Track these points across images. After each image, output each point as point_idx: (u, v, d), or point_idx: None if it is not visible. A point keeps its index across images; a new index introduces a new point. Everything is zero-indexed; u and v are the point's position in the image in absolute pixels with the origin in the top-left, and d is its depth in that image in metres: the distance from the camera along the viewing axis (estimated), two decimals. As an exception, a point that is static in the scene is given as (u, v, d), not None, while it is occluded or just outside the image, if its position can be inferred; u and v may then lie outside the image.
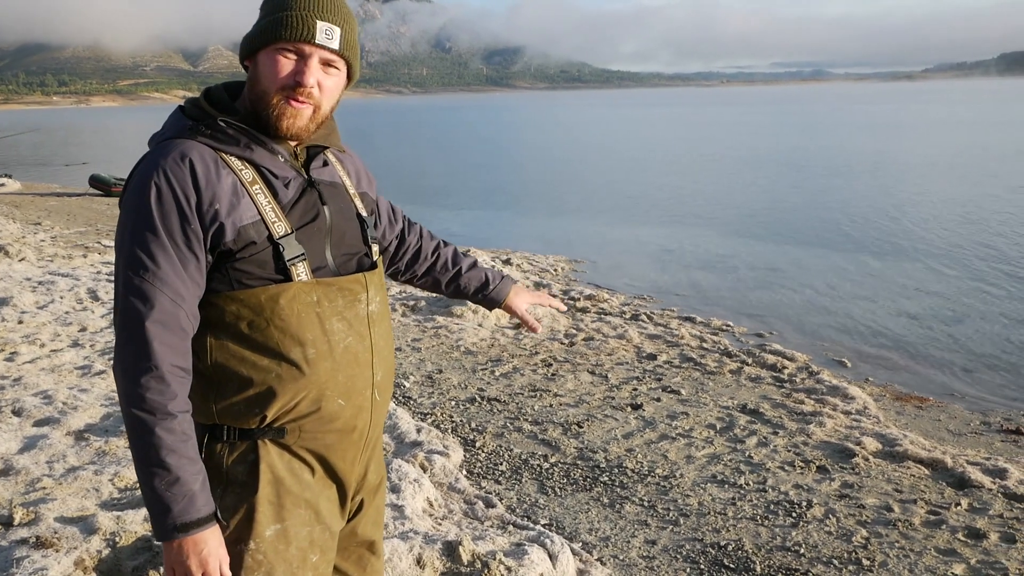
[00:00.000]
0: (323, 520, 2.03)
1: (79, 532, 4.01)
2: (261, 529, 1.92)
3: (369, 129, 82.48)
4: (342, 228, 2.05)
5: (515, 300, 2.65)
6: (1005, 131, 50.64)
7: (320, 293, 1.95)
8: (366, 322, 2.03)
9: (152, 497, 1.81)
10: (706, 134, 59.00)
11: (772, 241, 16.44)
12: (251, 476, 1.93)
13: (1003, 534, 4.65)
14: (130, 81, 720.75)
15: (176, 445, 1.80)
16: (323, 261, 1.98)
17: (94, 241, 15.26)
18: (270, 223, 1.90)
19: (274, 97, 1.92)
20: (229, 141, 1.92)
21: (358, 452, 2.08)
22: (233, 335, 1.90)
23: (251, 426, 1.93)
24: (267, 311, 1.89)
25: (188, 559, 1.82)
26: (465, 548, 3.96)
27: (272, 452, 1.94)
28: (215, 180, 1.87)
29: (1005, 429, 6.72)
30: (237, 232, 1.86)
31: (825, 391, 7.31)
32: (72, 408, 5.97)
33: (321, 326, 1.94)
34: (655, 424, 6.38)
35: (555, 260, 14.48)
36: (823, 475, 5.47)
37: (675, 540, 4.62)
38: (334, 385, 1.96)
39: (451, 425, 6.35)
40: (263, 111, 1.93)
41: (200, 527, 1.82)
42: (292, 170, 1.98)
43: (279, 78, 1.91)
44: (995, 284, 12.33)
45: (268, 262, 1.90)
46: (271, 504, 1.94)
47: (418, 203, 23.95)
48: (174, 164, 1.85)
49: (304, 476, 1.99)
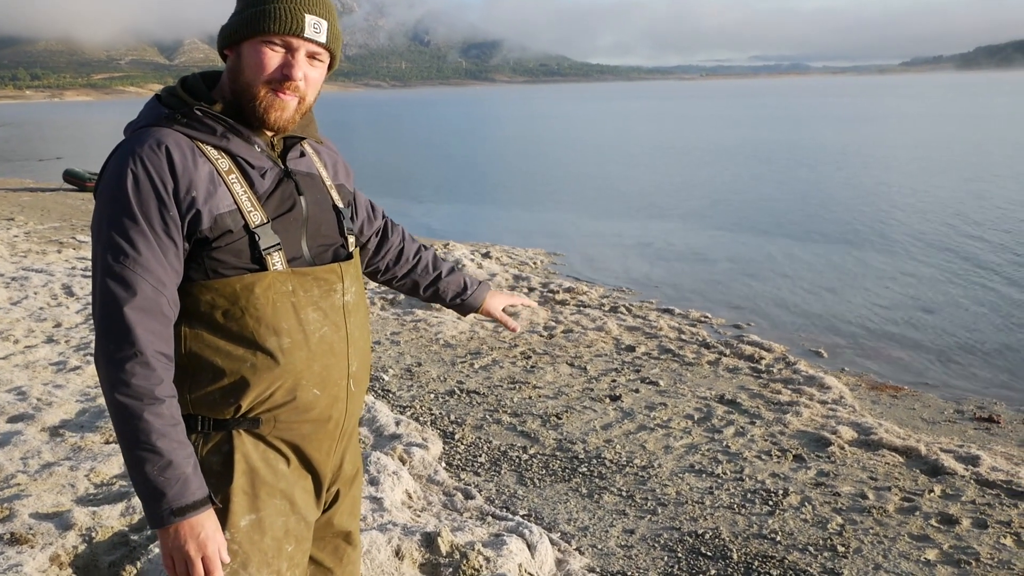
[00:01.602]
0: (298, 510, 2.03)
1: (55, 528, 3.99)
2: (236, 519, 1.92)
3: (348, 123, 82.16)
4: (318, 219, 2.05)
5: (492, 303, 2.67)
6: (979, 124, 51.04)
7: (295, 283, 1.95)
8: (342, 312, 2.03)
9: (144, 484, 1.79)
10: (684, 127, 59.15)
11: (750, 233, 16.51)
12: (226, 466, 1.93)
13: (975, 520, 4.71)
14: (104, 75, 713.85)
15: (166, 429, 1.79)
16: (299, 251, 1.98)
17: (69, 236, 15.14)
18: (246, 212, 1.90)
19: (260, 89, 1.92)
20: (205, 130, 1.92)
21: (333, 442, 2.09)
22: (208, 324, 1.90)
23: (226, 416, 1.92)
24: (242, 300, 1.89)
25: (186, 543, 1.81)
26: (444, 539, 3.97)
27: (247, 442, 1.94)
28: (192, 168, 1.86)
29: (978, 417, 6.79)
30: (214, 220, 1.86)
31: (802, 381, 7.36)
32: (47, 404, 5.94)
33: (296, 316, 1.94)
34: (634, 415, 6.41)
35: (534, 253, 14.49)
36: (799, 464, 5.51)
37: (653, 529, 4.65)
38: (309, 375, 1.97)
39: (430, 418, 6.35)
40: (248, 103, 1.93)
41: (196, 510, 1.82)
42: (268, 160, 1.99)
43: (266, 71, 1.92)
44: (968, 275, 12.44)
45: (244, 251, 1.89)
46: (246, 494, 1.94)
47: (398, 197, 23.89)
48: (150, 151, 1.84)
49: (279, 466, 1.99)
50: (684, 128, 57.95)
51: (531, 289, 11.07)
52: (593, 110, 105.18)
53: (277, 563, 1.98)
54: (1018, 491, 5.04)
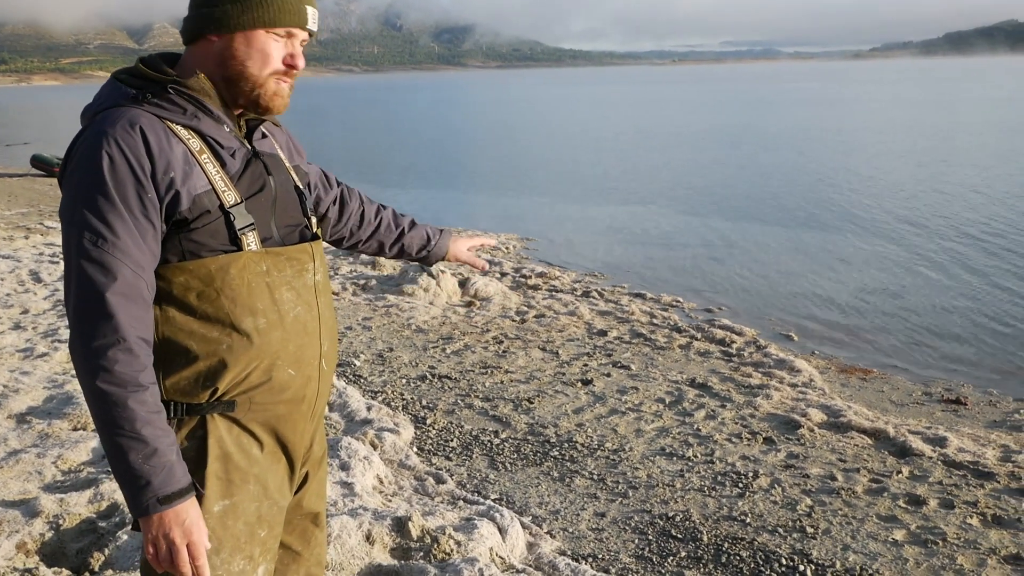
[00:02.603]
0: (271, 495, 2.02)
1: (21, 515, 3.95)
2: (209, 505, 1.91)
3: (320, 108, 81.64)
4: (284, 200, 2.05)
5: (457, 248, 2.70)
6: (944, 109, 51.46)
7: (269, 263, 1.94)
8: (313, 292, 2.04)
9: (128, 472, 1.77)
10: (655, 113, 59.23)
11: (722, 218, 16.58)
12: (199, 452, 1.91)
13: (942, 500, 4.76)
14: (73, 59, 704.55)
15: (150, 417, 1.77)
16: (270, 232, 1.98)
17: (36, 222, 14.97)
18: (220, 192, 1.88)
19: (269, 79, 1.95)
20: (175, 110, 1.89)
21: (306, 423, 2.09)
22: (182, 307, 1.88)
23: (200, 401, 1.90)
24: (217, 281, 1.87)
25: (171, 531, 1.80)
26: (415, 523, 3.97)
27: (221, 427, 1.93)
28: (167, 148, 1.84)
29: (946, 399, 6.87)
30: (192, 201, 1.84)
31: (772, 365, 7.41)
32: (13, 391, 5.87)
33: (271, 296, 1.94)
34: (605, 399, 6.42)
35: (506, 238, 14.48)
36: (769, 446, 5.55)
37: (624, 512, 4.67)
38: (285, 355, 1.96)
39: (402, 403, 6.34)
40: (251, 91, 1.95)
41: (181, 498, 1.80)
42: (237, 140, 1.97)
43: (275, 62, 1.95)
44: (936, 258, 12.56)
45: (220, 231, 1.88)
46: (219, 480, 1.93)
47: (371, 183, 23.77)
48: (124, 132, 1.80)
49: (253, 451, 1.98)
50: (655, 113, 58.03)
51: (503, 274, 11.07)
52: (565, 95, 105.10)
53: (250, 548, 1.98)
54: (984, 471, 5.11)
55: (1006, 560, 4.15)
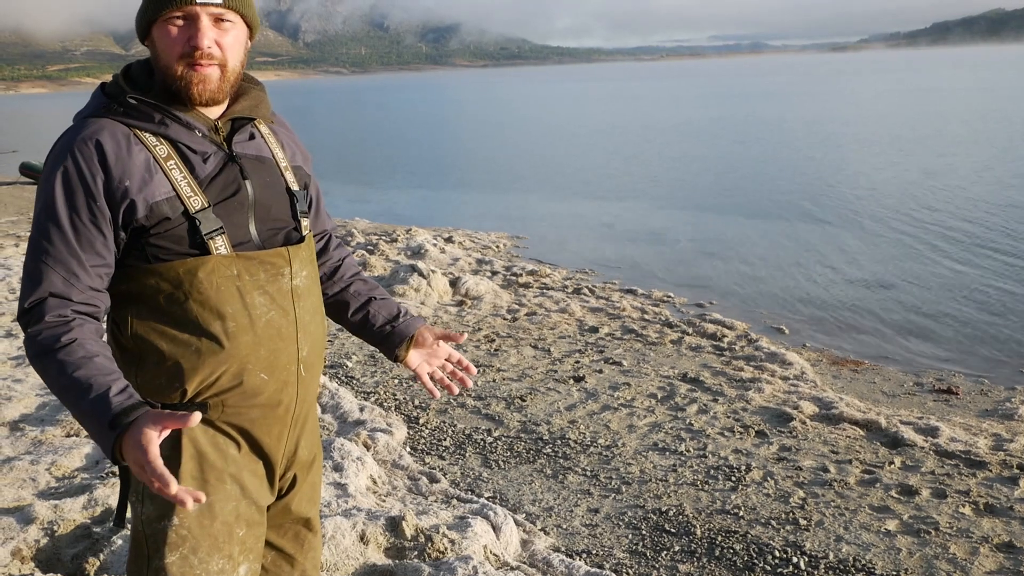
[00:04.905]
0: (249, 495, 2.02)
1: (15, 522, 3.95)
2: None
3: (308, 110, 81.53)
4: (267, 202, 2.04)
5: (424, 335, 2.39)
6: (932, 100, 51.59)
7: (240, 267, 1.94)
8: (290, 296, 2.02)
9: (86, 422, 1.75)
10: (643, 108, 59.24)
11: (711, 213, 16.61)
12: (174, 451, 1.92)
13: (934, 490, 4.79)
14: (60, 66, 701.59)
15: (79, 362, 1.76)
16: (246, 235, 1.98)
17: (26, 231, 14.92)
18: (185, 198, 1.89)
19: (177, 67, 1.91)
20: (143, 118, 1.92)
21: (285, 427, 2.08)
22: (152, 309, 1.91)
23: (173, 401, 1.92)
24: (186, 284, 1.89)
25: (131, 457, 1.65)
26: (408, 523, 3.97)
27: (195, 428, 1.93)
28: (126, 157, 1.87)
29: (937, 389, 6.90)
30: (149, 208, 1.87)
31: (764, 358, 7.43)
32: (6, 399, 5.86)
33: (242, 300, 1.94)
34: (597, 395, 6.44)
35: (497, 237, 14.49)
36: (762, 439, 5.57)
37: (617, 507, 4.69)
38: (256, 359, 1.96)
39: (394, 403, 6.34)
40: (171, 83, 1.92)
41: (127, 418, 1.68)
42: (211, 144, 1.97)
43: (176, 47, 1.91)
44: (925, 250, 12.60)
45: (183, 237, 1.89)
46: (194, 479, 1.93)
47: (360, 184, 23.80)
48: (83, 144, 1.87)
49: (229, 451, 1.99)
50: (643, 109, 58.04)
51: (494, 272, 11.07)
52: (552, 92, 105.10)
53: (228, 547, 1.98)
54: (976, 460, 5.13)
55: (998, 548, 4.18)
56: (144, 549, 1.94)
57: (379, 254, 11.99)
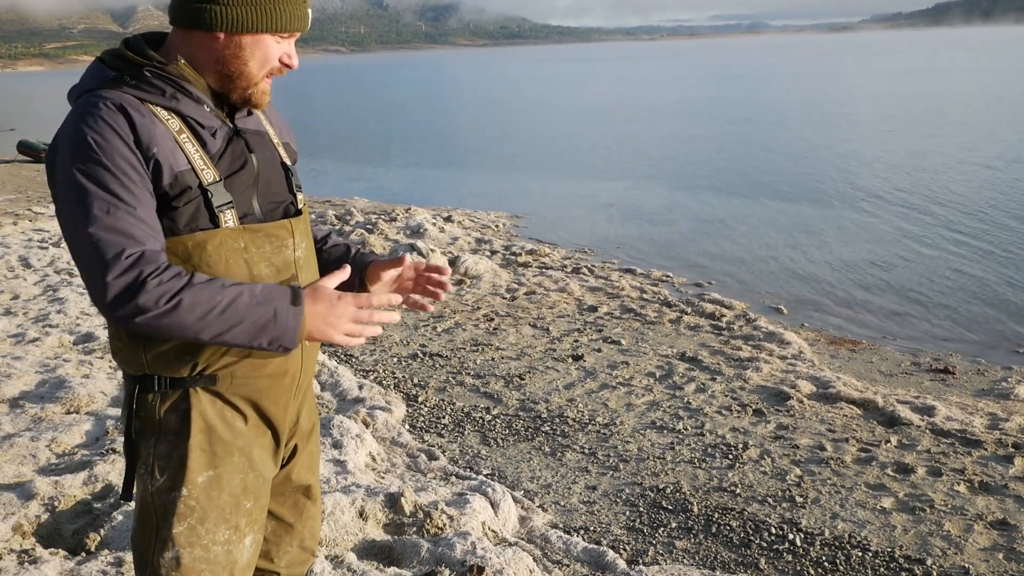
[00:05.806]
0: (256, 467, 2.05)
1: (16, 498, 3.97)
2: (193, 476, 1.94)
3: (308, 89, 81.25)
4: (268, 176, 2.06)
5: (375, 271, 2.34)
6: (933, 80, 51.46)
7: (247, 239, 1.96)
8: (294, 267, 2.05)
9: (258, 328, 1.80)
10: (643, 88, 59.08)
11: (710, 192, 16.58)
12: (183, 424, 1.94)
13: (930, 468, 4.82)
14: (57, 44, 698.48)
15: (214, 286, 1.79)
16: (250, 209, 1.99)
17: (24, 208, 14.91)
18: (199, 171, 1.90)
19: (263, 79, 1.99)
20: (154, 91, 1.90)
21: (290, 397, 2.11)
22: None
23: (182, 375, 1.93)
24: (195, 258, 1.89)
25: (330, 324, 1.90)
26: (407, 499, 4.00)
27: (204, 400, 1.96)
28: (150, 125, 1.85)
29: (934, 368, 6.92)
30: (175, 177, 1.86)
31: (762, 337, 7.45)
32: (6, 376, 5.88)
33: (249, 272, 1.95)
34: (596, 374, 6.46)
35: (496, 216, 14.48)
36: (759, 418, 5.59)
37: (615, 485, 4.71)
38: None
39: (393, 381, 6.36)
40: (244, 89, 1.98)
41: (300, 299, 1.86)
42: (218, 120, 1.99)
43: (273, 63, 1.99)
44: (923, 230, 12.60)
45: (199, 209, 1.90)
46: (203, 451, 1.95)
47: (359, 162, 23.76)
48: (108, 111, 1.81)
49: (237, 424, 2.01)
50: (642, 89, 57.87)
51: (494, 252, 11.08)
52: (552, 72, 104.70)
53: (235, 519, 2.00)
54: (971, 439, 5.16)
55: (992, 526, 4.21)
56: (152, 519, 1.96)
57: (378, 233, 11.99)
